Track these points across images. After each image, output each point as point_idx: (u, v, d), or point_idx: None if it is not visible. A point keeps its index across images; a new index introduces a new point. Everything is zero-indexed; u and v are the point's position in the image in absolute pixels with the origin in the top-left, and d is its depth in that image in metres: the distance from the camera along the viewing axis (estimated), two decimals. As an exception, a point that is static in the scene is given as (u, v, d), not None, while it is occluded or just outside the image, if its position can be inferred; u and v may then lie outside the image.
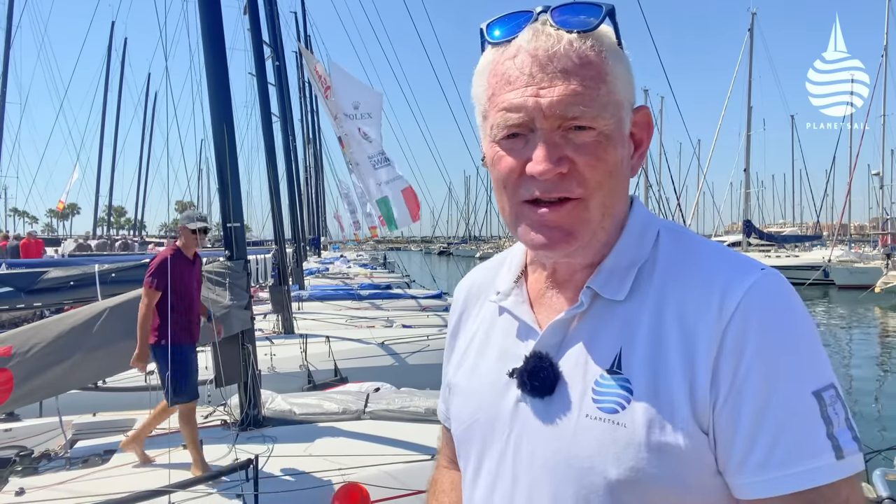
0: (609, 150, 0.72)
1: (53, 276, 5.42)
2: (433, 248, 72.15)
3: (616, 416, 0.70)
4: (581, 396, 0.73)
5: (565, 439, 0.72)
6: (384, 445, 3.93)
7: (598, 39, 0.73)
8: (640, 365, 0.71)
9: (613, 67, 0.73)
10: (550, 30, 0.72)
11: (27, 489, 3.49)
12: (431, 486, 1.05)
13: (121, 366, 4.27)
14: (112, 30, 37.10)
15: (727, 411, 0.67)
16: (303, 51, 15.69)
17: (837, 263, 24.96)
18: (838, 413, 0.66)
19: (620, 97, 0.74)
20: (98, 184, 37.66)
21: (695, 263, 0.74)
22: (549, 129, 0.71)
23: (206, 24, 5.14)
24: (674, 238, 0.79)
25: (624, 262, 0.77)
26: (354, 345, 7.47)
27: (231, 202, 5.12)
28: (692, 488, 0.68)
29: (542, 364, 0.75)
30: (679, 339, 0.70)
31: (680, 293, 0.72)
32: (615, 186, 0.75)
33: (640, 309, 0.74)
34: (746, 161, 32.47)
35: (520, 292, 0.84)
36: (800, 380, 0.66)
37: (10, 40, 23.53)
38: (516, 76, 0.72)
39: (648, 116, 0.80)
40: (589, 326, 0.76)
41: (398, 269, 23.13)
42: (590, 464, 0.70)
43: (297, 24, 26.61)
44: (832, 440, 0.65)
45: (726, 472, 0.68)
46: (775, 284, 0.70)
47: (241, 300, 4.84)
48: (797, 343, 0.68)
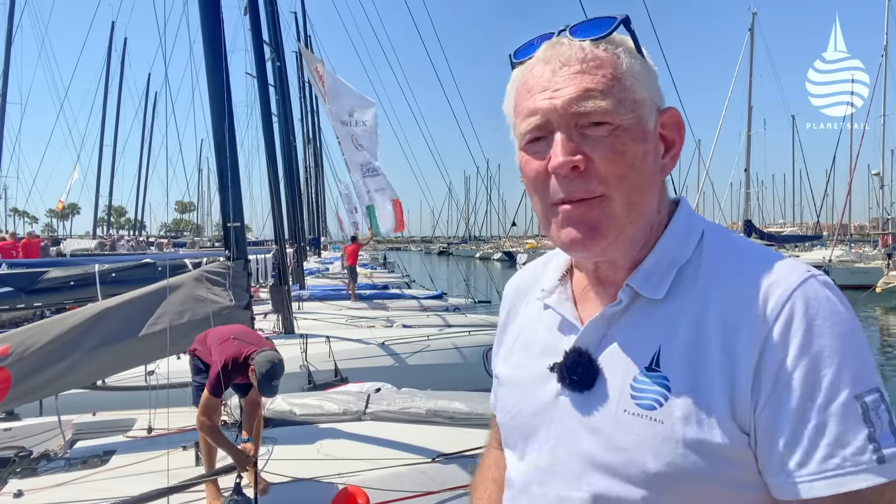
0: (628, 144, 0.74)
1: (53, 276, 5.41)
2: (433, 248, 72.09)
3: (654, 413, 0.72)
4: (620, 392, 0.75)
5: (604, 433, 0.74)
6: (385, 447, 3.91)
7: (612, 42, 0.77)
8: (679, 363, 0.72)
9: (630, 66, 0.76)
10: (565, 41, 0.77)
11: (26, 491, 3.47)
12: (480, 462, 1.11)
13: (120, 366, 4.26)
14: (112, 30, 37.29)
15: (768, 412, 0.68)
16: (303, 51, 15.68)
17: (838, 263, 24.93)
18: (882, 417, 0.66)
19: (639, 95, 0.76)
20: (98, 184, 37.85)
21: (740, 265, 0.75)
22: (565, 127, 0.74)
23: (206, 24, 5.14)
24: (719, 239, 0.80)
25: (665, 262, 0.78)
26: (355, 345, 7.45)
27: (231, 202, 5.11)
28: (731, 485, 0.70)
29: (580, 359, 0.78)
30: (720, 339, 0.70)
31: (723, 294, 0.73)
32: (639, 181, 0.76)
33: (681, 308, 0.75)
34: (747, 161, 32.43)
35: (564, 290, 0.87)
36: (842, 383, 0.66)
37: (10, 40, 23.58)
38: (533, 84, 0.77)
39: (678, 117, 0.82)
40: (628, 324, 0.78)
41: (398, 270, 23.11)
42: (627, 457, 0.72)
43: (297, 24, 26.65)
44: (874, 443, 0.65)
45: (766, 472, 0.69)
46: (822, 288, 0.70)
47: (241, 300, 4.82)
48: (841, 346, 0.67)
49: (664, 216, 0.82)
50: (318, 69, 11.26)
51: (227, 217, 5.10)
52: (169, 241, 34.48)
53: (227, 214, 5.10)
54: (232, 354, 3.46)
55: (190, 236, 44.54)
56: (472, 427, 4.08)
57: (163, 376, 5.01)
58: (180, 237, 49.40)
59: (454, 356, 7.52)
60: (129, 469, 3.74)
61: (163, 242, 32.38)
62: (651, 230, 0.80)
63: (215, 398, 3.41)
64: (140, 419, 4.64)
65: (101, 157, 38.23)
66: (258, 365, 3.36)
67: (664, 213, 0.82)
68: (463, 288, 16.26)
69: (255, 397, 3.70)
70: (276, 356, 3.47)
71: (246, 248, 5.22)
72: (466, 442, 3.78)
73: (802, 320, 0.68)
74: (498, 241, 63.57)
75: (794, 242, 34.64)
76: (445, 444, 3.83)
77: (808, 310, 0.68)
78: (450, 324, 9.44)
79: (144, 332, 4.07)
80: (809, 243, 35.10)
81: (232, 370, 3.43)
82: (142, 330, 4.08)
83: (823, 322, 0.68)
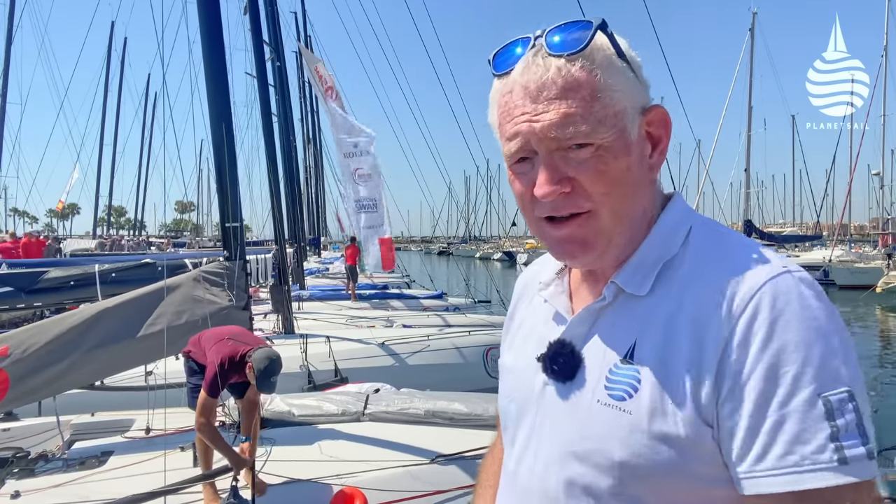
0: (610, 162, 0.76)
1: (53, 276, 5.39)
2: (433, 248, 72.08)
3: (623, 404, 0.73)
4: (596, 383, 0.77)
5: (578, 421, 0.77)
6: (383, 448, 3.90)
7: (588, 58, 0.75)
8: (651, 356, 0.74)
9: (607, 81, 0.75)
10: (540, 60, 0.76)
11: (23, 491, 3.46)
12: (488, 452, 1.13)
13: (119, 366, 4.26)
14: (112, 30, 37.24)
15: (729, 405, 0.68)
16: (303, 51, 15.68)
17: (838, 263, 24.91)
18: (847, 417, 0.64)
19: (620, 107, 0.76)
20: (98, 184, 37.80)
21: (720, 259, 0.76)
22: (546, 152, 0.76)
23: (205, 24, 5.13)
24: (705, 234, 0.81)
25: (650, 259, 0.80)
26: (355, 345, 7.45)
27: (230, 202, 5.11)
28: (697, 478, 0.70)
29: (562, 350, 0.81)
30: (690, 333, 0.71)
31: (700, 288, 0.74)
32: (624, 193, 0.78)
33: (660, 303, 0.76)
34: (747, 161, 32.39)
35: (560, 283, 0.91)
36: (805, 379, 0.65)
37: (10, 40, 23.57)
38: (513, 108, 0.78)
39: (663, 114, 0.82)
40: (611, 318, 0.80)
41: (398, 270, 23.08)
42: (597, 445, 0.74)
43: (297, 24, 26.65)
44: (836, 443, 0.64)
45: (728, 466, 0.69)
46: (795, 283, 0.70)
47: (239, 301, 4.82)
48: (808, 342, 0.66)
49: (656, 212, 0.83)
50: (319, 69, 11.26)
51: (226, 217, 5.09)
52: (168, 241, 34.46)
53: (225, 214, 5.09)
54: (228, 354, 3.45)
55: (190, 236, 44.56)
56: (471, 428, 4.07)
57: (161, 377, 5.01)
58: (180, 237, 49.43)
59: (454, 356, 7.53)
60: (127, 470, 3.73)
61: (162, 243, 32.33)
62: (638, 229, 0.81)
63: (213, 398, 3.40)
64: (138, 420, 4.63)
65: (101, 157, 38.20)
66: (256, 361, 3.35)
67: (656, 210, 0.83)
68: (463, 288, 16.26)
69: (252, 396, 3.69)
70: (274, 353, 3.46)
71: (245, 248, 5.22)
72: (465, 443, 3.77)
73: (768, 315, 0.67)
74: (498, 241, 63.68)
75: (794, 242, 34.62)
76: (444, 445, 3.83)
77: (775, 304, 0.68)
78: (450, 324, 9.45)
79: (142, 333, 4.07)
80: (809, 243, 35.08)
81: (229, 369, 3.42)
82: (140, 331, 4.08)
83: (791, 317, 0.67)
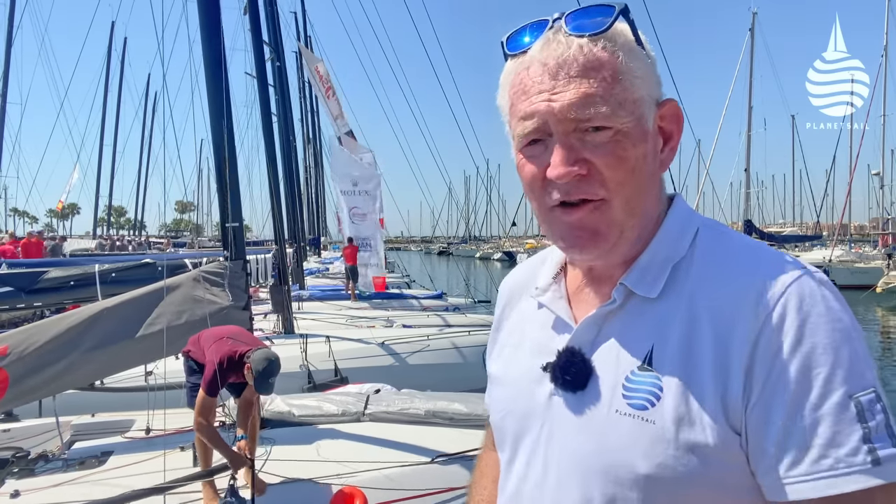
0: (629, 148, 0.73)
1: (53, 276, 5.39)
2: (433, 248, 72.05)
3: (646, 413, 0.70)
4: (612, 392, 0.73)
5: (595, 433, 0.73)
6: (383, 448, 3.90)
7: (611, 39, 0.73)
8: (672, 362, 0.70)
9: (629, 65, 0.73)
10: (561, 37, 0.73)
11: (22, 491, 3.47)
12: (477, 462, 1.09)
13: (118, 366, 4.25)
14: (112, 30, 37.29)
15: (759, 411, 0.66)
16: (303, 50, 15.69)
17: (838, 263, 24.90)
18: (877, 418, 0.63)
19: (639, 94, 0.74)
20: (98, 184, 37.84)
21: (733, 261, 0.73)
22: (563, 133, 0.73)
23: (205, 24, 5.13)
24: (713, 236, 0.78)
25: (658, 260, 0.77)
26: (355, 345, 7.45)
27: (230, 202, 5.10)
28: (724, 488, 0.68)
29: (573, 359, 0.77)
30: (713, 338, 0.69)
31: (716, 290, 0.71)
32: (640, 184, 0.75)
33: (675, 306, 0.73)
34: (747, 161, 32.34)
35: (558, 288, 0.86)
36: (836, 381, 0.64)
37: (10, 40, 23.56)
38: (530, 85, 0.74)
39: (676, 108, 0.80)
40: (622, 323, 0.76)
41: (398, 270, 23.09)
42: (619, 458, 0.70)
43: (297, 24, 26.67)
44: (868, 444, 0.63)
45: (757, 473, 0.67)
46: (816, 285, 0.69)
47: (239, 301, 4.81)
48: (836, 344, 0.65)
49: (661, 212, 0.81)
50: (319, 69, 11.28)
51: (226, 217, 5.08)
52: (168, 241, 34.43)
53: (225, 214, 5.09)
54: (227, 353, 3.45)
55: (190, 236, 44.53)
56: (471, 428, 4.07)
57: (161, 377, 5.00)
58: (180, 237, 49.40)
59: (454, 356, 7.52)
60: (127, 470, 3.72)
61: (162, 243, 32.30)
62: (646, 227, 0.79)
63: (211, 398, 3.39)
64: (138, 420, 4.63)
65: (101, 156, 38.26)
66: (255, 362, 3.35)
67: (661, 209, 0.81)
68: (463, 288, 16.25)
69: (249, 396, 3.68)
70: (273, 354, 3.46)
71: (245, 248, 5.21)
72: (465, 443, 3.77)
73: (796, 318, 0.66)
74: (498, 241, 63.55)
75: (794, 242, 34.59)
76: (444, 444, 3.83)
77: (801, 307, 0.66)
78: (450, 324, 9.44)
79: (142, 333, 4.06)
80: (809, 243, 35.06)
81: (227, 369, 3.41)
82: (139, 331, 4.07)
83: (818, 319, 0.66)
